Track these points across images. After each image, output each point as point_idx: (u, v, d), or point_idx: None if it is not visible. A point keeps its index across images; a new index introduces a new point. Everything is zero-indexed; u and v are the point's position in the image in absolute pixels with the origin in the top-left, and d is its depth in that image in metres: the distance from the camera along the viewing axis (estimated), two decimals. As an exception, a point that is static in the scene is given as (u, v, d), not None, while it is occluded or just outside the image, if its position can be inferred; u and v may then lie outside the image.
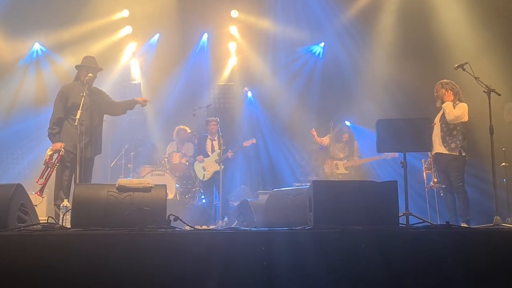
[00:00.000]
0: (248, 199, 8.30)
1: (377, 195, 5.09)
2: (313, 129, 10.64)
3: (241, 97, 13.69)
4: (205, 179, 10.38)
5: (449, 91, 7.63)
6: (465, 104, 7.40)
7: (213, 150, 10.47)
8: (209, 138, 10.41)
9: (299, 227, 4.78)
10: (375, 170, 11.09)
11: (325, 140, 10.71)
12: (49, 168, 6.45)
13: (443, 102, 7.67)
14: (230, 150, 10.10)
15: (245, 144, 10.66)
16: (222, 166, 9.64)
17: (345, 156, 10.44)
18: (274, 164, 13.08)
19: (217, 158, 9.98)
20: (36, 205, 5.34)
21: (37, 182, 6.64)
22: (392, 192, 4.98)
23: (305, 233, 4.46)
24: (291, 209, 6.18)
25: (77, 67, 7.24)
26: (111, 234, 4.25)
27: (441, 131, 7.56)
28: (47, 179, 6.51)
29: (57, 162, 6.63)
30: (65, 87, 7.07)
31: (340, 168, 10.65)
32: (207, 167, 10.43)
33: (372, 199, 5.04)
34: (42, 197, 6.50)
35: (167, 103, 12.91)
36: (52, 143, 6.86)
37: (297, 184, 11.27)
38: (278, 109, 13.04)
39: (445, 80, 7.81)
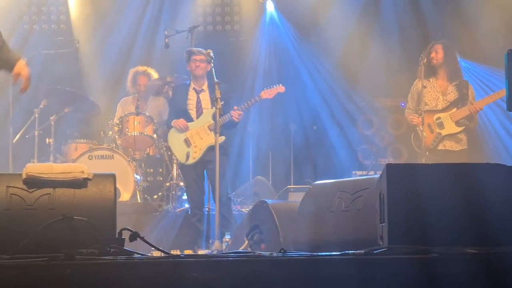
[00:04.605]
0: (268, 201, 6.82)
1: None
2: None
3: (254, 12, 11.13)
4: (190, 162, 8.20)
5: None
6: None
7: (200, 110, 8.29)
8: (194, 88, 8.33)
9: (363, 251, 3.83)
10: (497, 134, 9.23)
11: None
12: None
13: None
14: (235, 107, 8.12)
15: (264, 95, 8.26)
16: (223, 137, 7.80)
17: (451, 102, 8.40)
18: (317, 135, 10.57)
19: (211, 122, 7.99)
20: None
21: None
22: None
23: (374, 262, 3.60)
24: (346, 217, 5.11)
25: None
26: (15, 266, 3.46)
27: None
28: None
29: None
30: None
31: (447, 124, 8.33)
32: (193, 141, 8.22)
33: (502, 199, 3.90)
34: None
35: (117, 24, 10.71)
36: None
37: (359, 172, 9.21)
38: (325, 34, 10.68)
39: None
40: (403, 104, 9.10)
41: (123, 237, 4.02)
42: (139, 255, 3.90)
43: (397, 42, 10.07)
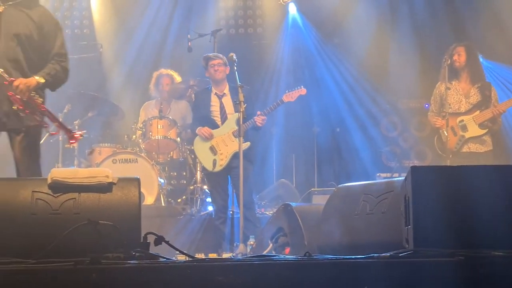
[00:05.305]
0: (292, 204, 6.69)
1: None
2: None
3: (276, 14, 11.04)
4: (217, 169, 8.16)
5: None
6: None
7: (224, 116, 8.23)
8: (215, 93, 8.27)
9: (388, 254, 3.75)
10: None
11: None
12: None
13: None
14: (259, 112, 8.09)
15: (286, 98, 8.21)
16: (248, 144, 7.79)
17: (474, 105, 8.30)
18: (340, 137, 10.50)
19: (235, 128, 7.94)
20: None
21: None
22: None
23: (400, 265, 3.51)
24: (371, 220, 4.97)
25: None
26: (40, 270, 3.39)
27: None
28: None
29: None
30: None
31: (470, 127, 8.24)
32: (218, 148, 8.18)
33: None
34: None
35: (140, 28, 10.68)
36: None
37: (383, 174, 9.16)
38: (348, 36, 10.64)
39: None
40: (427, 105, 9.02)
41: (148, 241, 3.98)
42: (164, 259, 3.86)
43: (419, 43, 9.97)
